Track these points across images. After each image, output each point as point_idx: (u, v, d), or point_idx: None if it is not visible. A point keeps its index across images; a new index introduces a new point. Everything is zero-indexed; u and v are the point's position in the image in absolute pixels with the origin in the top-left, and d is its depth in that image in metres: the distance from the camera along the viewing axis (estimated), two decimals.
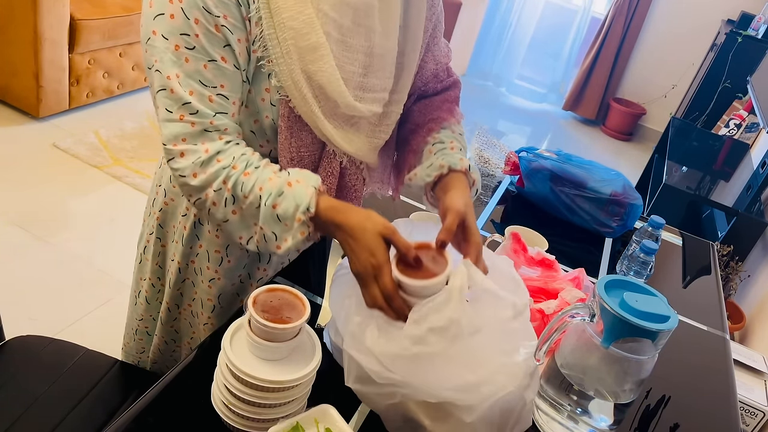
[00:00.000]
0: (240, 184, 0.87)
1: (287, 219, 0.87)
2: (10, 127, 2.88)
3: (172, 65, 0.84)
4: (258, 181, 0.88)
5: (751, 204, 2.74)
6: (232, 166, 0.88)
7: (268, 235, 0.89)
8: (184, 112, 0.85)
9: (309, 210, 0.86)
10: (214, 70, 0.86)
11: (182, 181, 0.88)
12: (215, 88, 0.87)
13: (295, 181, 0.88)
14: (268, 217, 0.87)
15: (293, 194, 0.87)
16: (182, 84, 0.84)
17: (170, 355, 1.26)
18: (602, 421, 0.93)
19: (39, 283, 2.11)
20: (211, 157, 0.87)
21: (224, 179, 0.87)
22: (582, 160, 1.65)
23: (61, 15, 2.76)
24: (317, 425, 0.79)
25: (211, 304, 1.13)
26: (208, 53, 0.85)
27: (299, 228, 0.87)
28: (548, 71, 5.29)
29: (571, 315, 0.91)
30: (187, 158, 0.87)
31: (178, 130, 0.86)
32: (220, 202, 0.88)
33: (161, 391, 0.87)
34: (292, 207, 0.87)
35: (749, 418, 1.94)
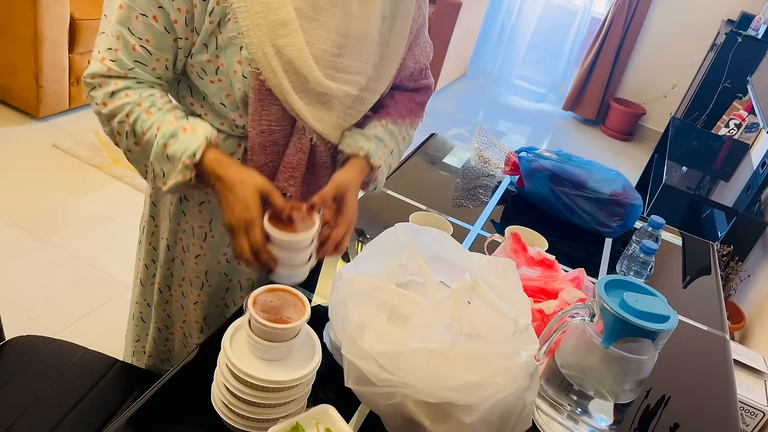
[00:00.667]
0: (141, 121, 0.94)
1: (175, 160, 0.93)
2: (10, 127, 2.88)
3: (111, 12, 0.91)
4: (157, 121, 0.94)
5: (751, 204, 2.74)
6: (137, 102, 0.94)
7: (157, 172, 0.95)
8: (106, 56, 0.92)
9: (194, 156, 0.92)
10: (144, 24, 0.90)
11: (96, 109, 0.95)
12: (141, 39, 0.91)
13: (191, 128, 0.94)
14: (158, 154, 0.94)
15: (185, 138, 0.93)
16: (113, 29, 0.91)
17: (164, 345, 1.27)
18: (602, 421, 0.93)
19: (39, 283, 2.12)
20: (119, 90, 0.93)
21: (127, 113, 0.93)
22: (582, 160, 1.65)
23: (61, 15, 2.76)
24: (317, 425, 0.79)
25: (199, 281, 1.16)
26: (141, 7, 0.89)
27: (182, 171, 0.92)
28: (548, 71, 5.29)
29: (571, 315, 0.91)
30: (102, 89, 0.93)
31: (96, 69, 0.93)
32: (123, 133, 0.95)
33: (161, 391, 0.87)
34: (180, 150, 0.92)
35: (749, 418, 1.94)
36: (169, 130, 0.93)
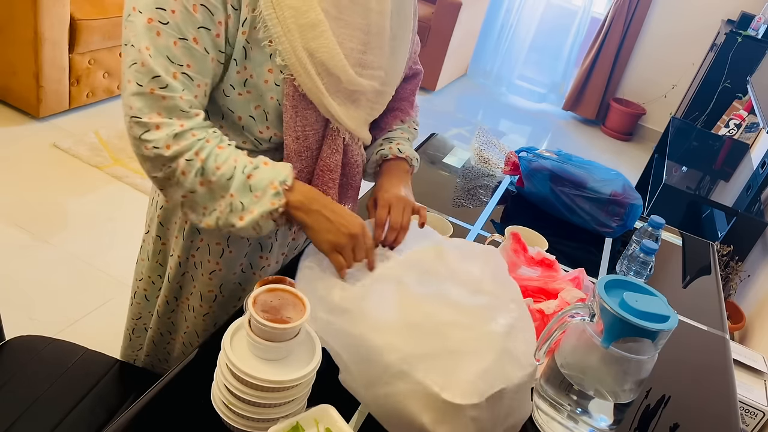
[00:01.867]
0: (213, 156, 0.89)
1: (259, 189, 0.89)
2: (10, 127, 2.88)
3: (145, 38, 0.84)
4: (233, 154, 0.91)
5: (751, 204, 2.74)
6: (206, 139, 0.89)
7: (235, 205, 0.90)
8: (155, 86, 0.85)
9: (286, 182, 0.90)
10: (183, 48, 0.86)
11: (155, 152, 0.87)
12: (181, 66, 0.86)
13: (269, 161, 0.93)
14: (240, 186, 0.89)
15: (270, 168, 0.91)
16: (152, 57, 0.85)
17: (164, 347, 1.27)
18: (602, 420, 0.93)
19: (39, 283, 2.12)
20: (186, 131, 0.88)
21: (197, 150, 0.88)
22: (582, 160, 1.65)
23: (61, 15, 2.76)
24: (317, 425, 0.79)
25: (212, 294, 1.14)
26: (181, 31, 0.85)
27: (271, 198, 0.89)
28: (548, 71, 5.29)
29: (571, 315, 0.91)
30: (162, 130, 0.86)
31: (152, 103, 0.85)
32: (190, 172, 0.88)
33: (161, 391, 0.87)
34: (267, 179, 0.90)
35: (749, 418, 1.94)
36: (251, 162, 0.91)
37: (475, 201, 1.64)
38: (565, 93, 5.16)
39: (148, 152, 0.87)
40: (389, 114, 1.21)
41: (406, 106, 1.23)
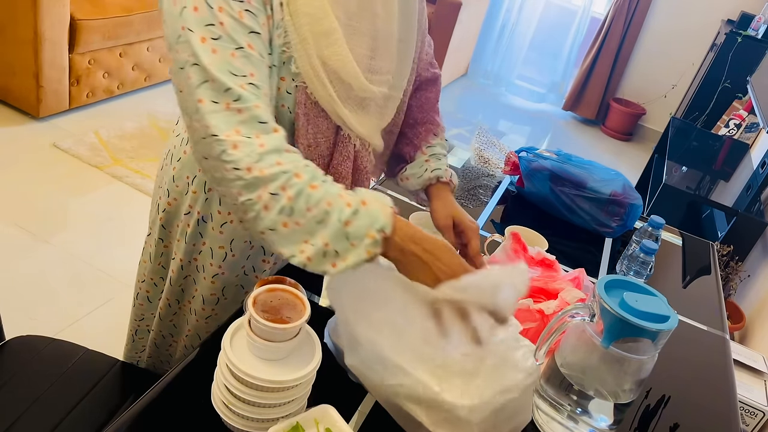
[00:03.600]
0: (305, 196, 0.81)
1: (356, 237, 0.82)
2: (10, 127, 2.88)
3: (204, 56, 0.81)
4: (327, 195, 0.82)
5: (751, 204, 2.74)
6: (294, 173, 0.82)
7: (329, 252, 0.82)
8: (229, 100, 0.81)
9: (384, 230, 0.83)
10: (242, 58, 0.82)
11: (234, 174, 0.80)
12: (245, 77, 0.82)
13: (370, 199, 0.85)
14: (336, 234, 0.82)
15: (368, 212, 0.83)
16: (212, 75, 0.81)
17: (166, 350, 1.27)
18: (602, 421, 0.93)
19: (39, 283, 2.12)
20: (267, 153, 0.81)
21: (283, 185, 0.81)
22: (582, 160, 1.65)
23: (61, 15, 2.76)
24: (317, 425, 0.79)
25: (215, 297, 1.14)
26: (235, 41, 0.82)
27: (368, 246, 0.82)
28: (548, 71, 5.29)
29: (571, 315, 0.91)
30: (241, 149, 0.80)
31: (228, 119, 0.81)
32: (274, 207, 0.81)
33: (161, 391, 0.87)
34: (364, 226, 0.82)
35: (749, 418, 1.94)
36: (347, 205, 0.83)
37: (475, 201, 1.64)
38: (565, 93, 5.16)
39: (228, 173, 0.81)
40: (420, 127, 1.21)
41: (434, 117, 1.23)
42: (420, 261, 0.84)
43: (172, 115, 3.33)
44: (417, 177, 1.18)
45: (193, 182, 1.06)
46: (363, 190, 0.86)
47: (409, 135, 1.21)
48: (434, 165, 1.17)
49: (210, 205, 1.06)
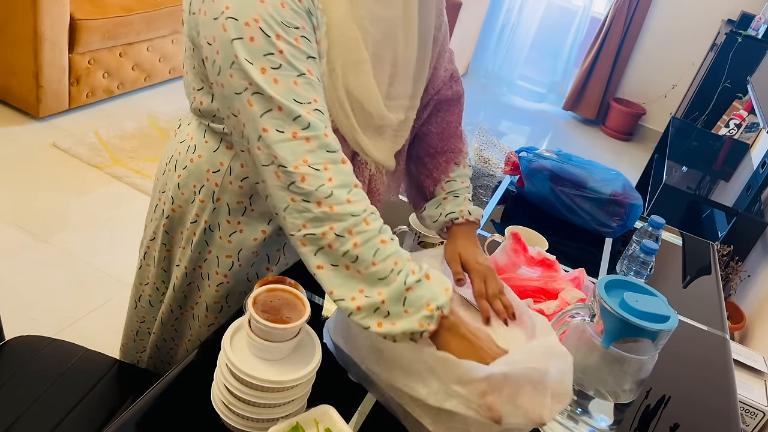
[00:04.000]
0: (373, 248, 0.80)
1: (413, 306, 0.80)
2: (10, 127, 2.88)
3: (267, 88, 0.79)
4: (394, 255, 0.81)
5: (751, 204, 2.74)
6: (364, 219, 0.80)
7: (381, 310, 0.80)
8: (297, 129, 0.79)
9: (443, 309, 0.81)
10: (305, 84, 0.81)
11: (304, 206, 0.79)
12: (310, 103, 0.80)
13: (432, 275, 0.83)
14: (396, 296, 0.79)
15: (431, 286, 0.81)
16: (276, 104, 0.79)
17: (167, 353, 1.26)
18: (602, 421, 0.93)
19: (39, 283, 2.11)
20: (337, 188, 0.80)
21: (351, 228, 0.79)
22: (582, 160, 1.65)
23: (61, 15, 2.76)
24: (317, 425, 0.79)
25: (218, 306, 1.14)
26: (296, 68, 0.80)
27: (422, 319, 0.80)
28: (548, 71, 5.29)
29: (572, 315, 0.91)
30: (310, 182, 0.79)
31: (296, 148, 0.79)
32: (338, 249, 0.79)
33: (161, 391, 0.87)
34: (425, 298, 0.80)
35: (749, 418, 1.94)
36: (413, 271, 0.81)
37: (475, 201, 1.64)
38: (565, 93, 5.16)
39: (297, 205, 0.80)
40: (440, 157, 1.16)
41: (456, 144, 1.17)
42: (468, 343, 0.82)
43: (171, 115, 3.33)
44: (433, 220, 1.14)
45: (200, 191, 1.05)
46: (426, 265, 0.85)
47: (429, 165, 1.16)
48: (449, 207, 1.12)
49: (218, 214, 1.05)
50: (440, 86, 1.16)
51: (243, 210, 1.04)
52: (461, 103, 1.20)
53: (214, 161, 1.01)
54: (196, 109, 1.00)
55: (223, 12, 0.79)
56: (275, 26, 0.79)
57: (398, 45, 0.96)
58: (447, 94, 1.17)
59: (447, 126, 1.17)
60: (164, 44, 3.40)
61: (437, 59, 1.12)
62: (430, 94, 1.14)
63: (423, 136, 1.18)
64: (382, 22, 0.92)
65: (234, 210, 1.03)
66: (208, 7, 0.81)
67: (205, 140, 1.02)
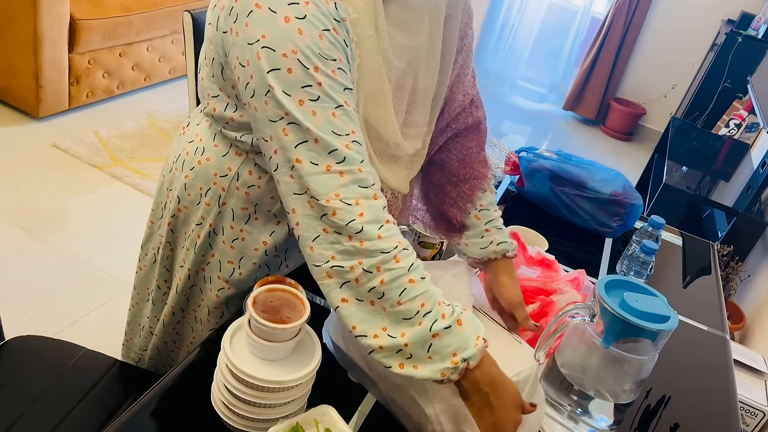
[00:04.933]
0: (400, 288, 0.78)
1: (438, 354, 0.77)
2: (10, 127, 2.88)
3: (305, 119, 0.78)
4: (424, 295, 0.79)
5: (751, 204, 2.74)
6: (394, 257, 0.78)
7: (404, 352, 0.78)
8: (331, 162, 0.78)
9: (470, 361, 0.78)
10: (343, 116, 0.80)
11: (335, 237, 0.79)
12: (348, 135, 0.80)
13: (465, 320, 0.80)
14: (421, 340, 0.77)
15: (460, 335, 0.78)
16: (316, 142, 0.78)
17: (168, 355, 1.26)
18: (602, 421, 0.93)
19: (39, 283, 2.11)
20: (368, 223, 0.78)
21: (379, 265, 0.78)
22: (582, 160, 1.65)
23: (61, 15, 2.76)
24: (317, 425, 0.79)
25: (219, 311, 1.13)
26: (334, 99, 0.79)
27: (446, 369, 0.77)
28: (548, 71, 5.29)
29: (572, 315, 0.91)
30: (341, 216, 0.78)
31: (329, 182, 0.78)
32: (365, 285, 0.78)
33: (161, 391, 0.87)
34: (454, 346, 0.78)
35: (749, 418, 1.94)
36: (442, 317, 0.78)
37: None
38: (566, 93, 5.16)
39: (328, 236, 0.79)
40: (463, 185, 1.12)
41: (480, 169, 1.13)
42: (489, 403, 0.80)
43: (171, 115, 3.33)
44: (480, 248, 1.10)
45: (206, 194, 1.05)
46: (460, 307, 0.82)
47: (452, 194, 1.12)
48: (499, 238, 1.09)
49: (223, 218, 1.05)
50: (458, 111, 1.12)
51: (247, 217, 1.03)
52: (481, 128, 1.16)
53: (222, 166, 1.01)
54: (209, 113, 0.99)
55: (258, 40, 0.77)
56: (313, 58, 0.77)
57: (419, 73, 0.96)
58: (467, 121, 1.13)
59: (468, 152, 1.13)
60: (164, 44, 3.40)
61: (454, 83, 1.09)
62: (446, 119, 1.11)
63: (443, 163, 1.14)
64: (406, 53, 0.92)
65: (238, 216, 1.03)
66: (240, 29, 0.79)
67: (214, 144, 1.02)
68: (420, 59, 0.95)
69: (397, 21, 0.89)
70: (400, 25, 0.90)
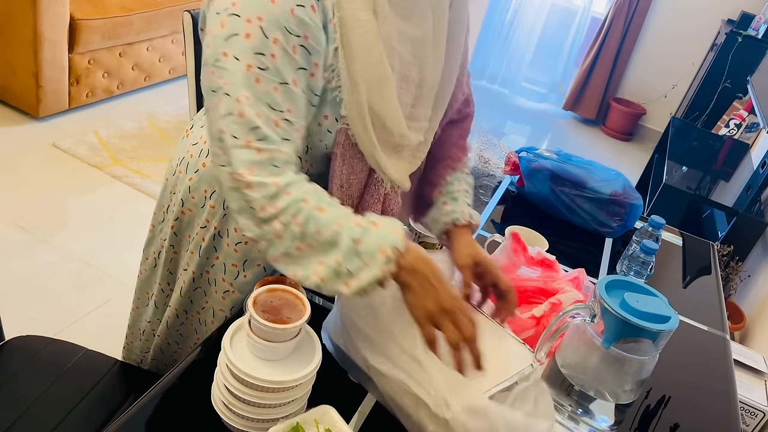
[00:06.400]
0: (314, 220, 0.82)
1: (368, 255, 0.82)
2: (10, 127, 2.88)
3: (242, 86, 0.79)
4: (335, 217, 0.83)
5: (751, 204, 2.74)
6: (302, 199, 0.83)
7: (341, 271, 0.82)
8: (252, 138, 0.81)
9: (397, 246, 0.82)
10: (284, 93, 0.82)
11: (249, 212, 0.83)
12: (282, 112, 0.82)
13: (378, 221, 0.85)
14: (348, 252, 0.82)
15: (379, 231, 0.83)
16: (251, 106, 0.80)
17: (171, 356, 1.26)
18: (603, 421, 0.93)
19: (39, 283, 2.11)
20: (280, 191, 0.82)
21: (294, 213, 0.82)
22: (582, 160, 1.65)
23: (61, 15, 2.76)
24: (317, 426, 0.79)
25: (223, 314, 1.13)
26: (281, 75, 0.81)
27: (381, 264, 0.81)
28: (548, 71, 5.29)
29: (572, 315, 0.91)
30: (256, 191, 0.81)
31: (246, 157, 0.81)
32: (285, 235, 0.82)
33: (161, 391, 0.87)
34: (376, 244, 0.82)
35: (749, 418, 1.94)
36: (357, 225, 0.83)
37: (475, 201, 1.64)
38: (566, 93, 5.16)
39: (245, 206, 0.83)
40: (439, 164, 1.15)
41: (456, 153, 1.17)
42: (430, 284, 0.83)
43: (171, 115, 3.33)
44: (435, 222, 1.13)
45: (211, 197, 1.05)
46: (372, 214, 0.86)
47: (429, 176, 1.16)
48: (449, 207, 1.11)
49: (227, 221, 1.05)
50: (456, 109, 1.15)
51: None
52: (467, 121, 1.19)
53: None
54: None
55: (227, 8, 0.79)
56: (276, 30, 0.79)
57: (426, 67, 0.96)
58: (454, 118, 1.17)
59: (448, 137, 1.16)
60: (164, 44, 3.40)
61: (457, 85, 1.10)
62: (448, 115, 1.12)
63: None
64: (411, 42, 0.92)
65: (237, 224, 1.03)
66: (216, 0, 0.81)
67: None
68: (426, 52, 0.95)
69: (400, 9, 0.90)
70: (403, 13, 0.90)
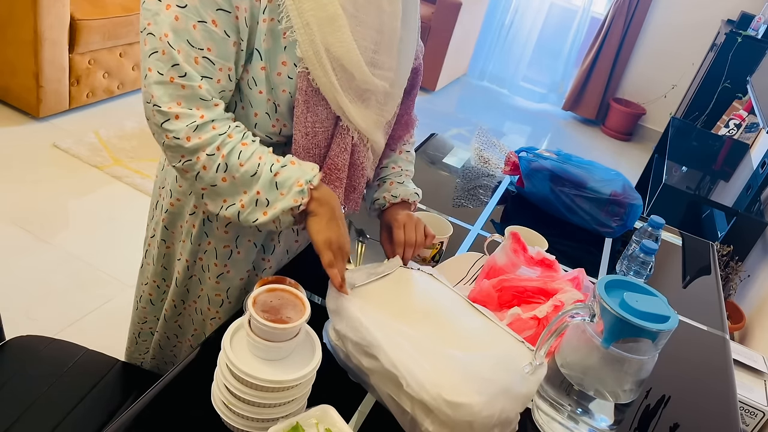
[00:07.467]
0: (236, 152, 0.90)
1: (285, 187, 0.91)
2: (10, 127, 2.88)
3: (164, 24, 0.84)
4: (258, 151, 0.92)
5: (751, 204, 2.74)
6: (227, 134, 0.90)
7: (261, 200, 0.92)
8: (174, 74, 0.86)
9: (312, 182, 0.92)
10: (203, 31, 0.85)
11: (175, 143, 0.88)
12: (201, 50, 0.86)
13: (297, 160, 0.95)
14: (266, 182, 0.91)
15: (297, 168, 0.93)
16: (172, 43, 0.84)
17: (170, 351, 1.26)
18: (602, 421, 0.93)
19: (39, 283, 2.12)
20: (206, 123, 0.88)
21: (218, 145, 0.89)
22: (582, 160, 1.65)
23: (61, 15, 2.76)
24: (317, 425, 0.79)
25: (219, 299, 1.14)
26: (199, 13, 0.85)
27: (295, 195, 0.91)
28: (548, 71, 5.29)
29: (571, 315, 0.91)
30: (182, 121, 0.87)
31: (171, 92, 0.86)
32: (211, 167, 0.90)
33: (161, 391, 0.87)
34: (294, 177, 0.92)
35: (749, 418, 1.94)
36: (277, 160, 0.93)
37: (475, 201, 1.64)
38: (565, 93, 5.16)
39: (169, 141, 0.89)
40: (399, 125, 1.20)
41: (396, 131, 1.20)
42: (333, 217, 0.94)
43: None
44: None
45: None
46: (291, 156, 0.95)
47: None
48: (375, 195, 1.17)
49: None
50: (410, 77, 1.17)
51: None
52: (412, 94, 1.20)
53: None
54: None
55: None
56: None
57: (383, 14, 0.97)
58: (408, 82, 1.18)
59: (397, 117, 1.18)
60: None
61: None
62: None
63: None
64: None
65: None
66: None
67: None
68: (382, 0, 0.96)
69: None
70: None
